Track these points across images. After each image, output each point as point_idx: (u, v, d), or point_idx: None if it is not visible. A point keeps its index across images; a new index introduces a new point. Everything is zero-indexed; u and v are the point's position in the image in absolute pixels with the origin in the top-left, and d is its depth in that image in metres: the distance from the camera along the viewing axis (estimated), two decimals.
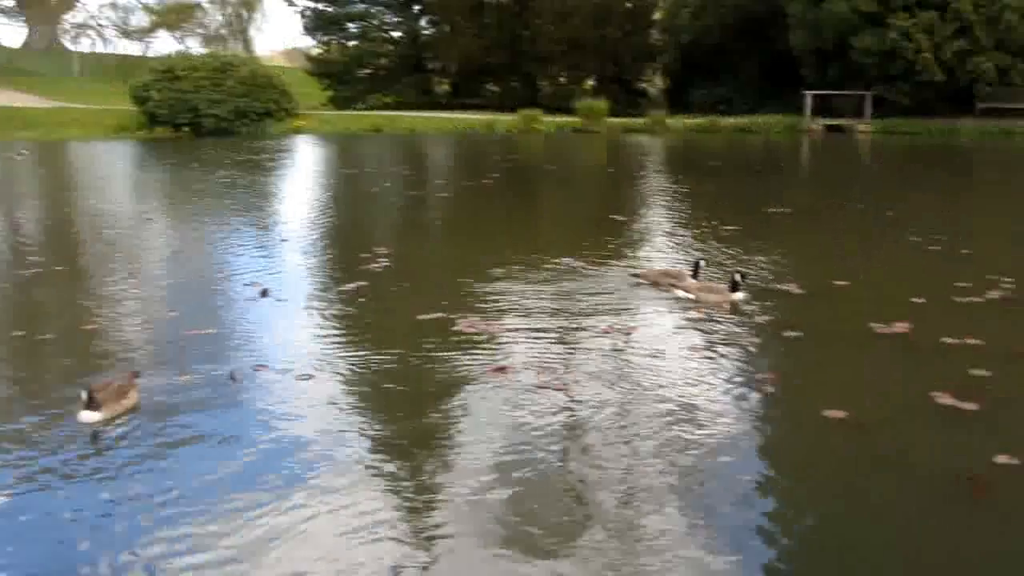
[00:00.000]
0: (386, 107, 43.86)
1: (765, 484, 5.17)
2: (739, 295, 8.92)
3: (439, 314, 8.30)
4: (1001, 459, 5.25)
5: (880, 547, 4.49)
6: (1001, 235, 13.42)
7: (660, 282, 9.40)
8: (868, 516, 4.81)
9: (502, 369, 6.78)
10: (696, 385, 6.55)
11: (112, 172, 24.60)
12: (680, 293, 9.05)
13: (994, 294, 9.07)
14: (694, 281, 9.27)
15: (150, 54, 61.75)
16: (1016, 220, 15.29)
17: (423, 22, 47.67)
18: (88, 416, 5.75)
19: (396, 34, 48.32)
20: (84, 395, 5.75)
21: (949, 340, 7.49)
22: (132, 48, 71.64)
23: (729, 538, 4.52)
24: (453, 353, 7.25)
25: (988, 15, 31.68)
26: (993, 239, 12.94)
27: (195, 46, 63.66)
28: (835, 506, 4.95)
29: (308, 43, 54.20)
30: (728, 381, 6.67)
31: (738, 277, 9.01)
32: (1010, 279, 9.55)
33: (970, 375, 6.64)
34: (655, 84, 47.92)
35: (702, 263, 9.58)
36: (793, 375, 6.81)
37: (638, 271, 9.89)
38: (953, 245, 11.55)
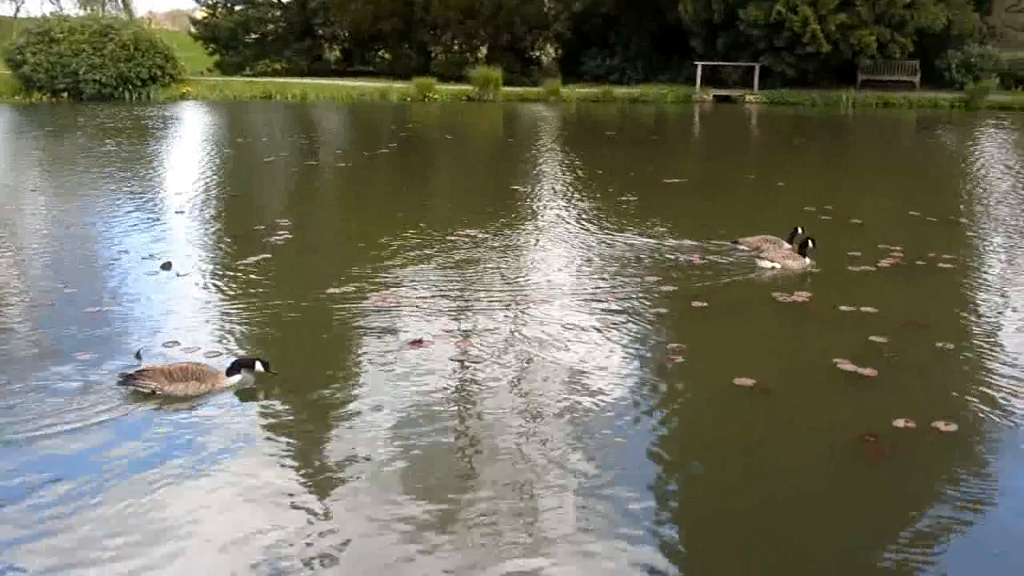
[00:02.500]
0: (275, 73, 42.76)
1: (673, 449, 5.33)
2: (808, 260, 9.25)
3: (350, 287, 8.23)
4: (899, 423, 5.51)
5: (781, 507, 4.68)
6: (886, 204, 13.94)
7: (761, 247, 9.61)
8: (771, 478, 5.01)
9: (418, 342, 6.77)
10: (606, 356, 6.67)
11: None
12: (765, 263, 9.25)
13: (885, 263, 9.44)
14: (777, 249, 9.50)
15: (21, 15, 58.82)
16: (899, 189, 15.88)
17: None
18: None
19: None
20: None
21: (847, 308, 7.78)
22: (1, 8, 68.24)
23: (634, 501, 4.66)
24: (366, 327, 7.21)
25: None
26: (879, 208, 13.43)
27: (71, 7, 60.92)
28: (740, 469, 5.14)
29: (192, 6, 52.67)
30: (638, 352, 6.81)
31: (810, 244, 9.32)
32: (899, 247, 9.95)
33: (868, 342, 6.92)
34: (548, 53, 47.91)
35: (800, 230, 9.77)
36: (702, 345, 6.99)
37: (739, 239, 9.95)
38: (843, 214, 11.94)
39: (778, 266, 9.18)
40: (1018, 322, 7.61)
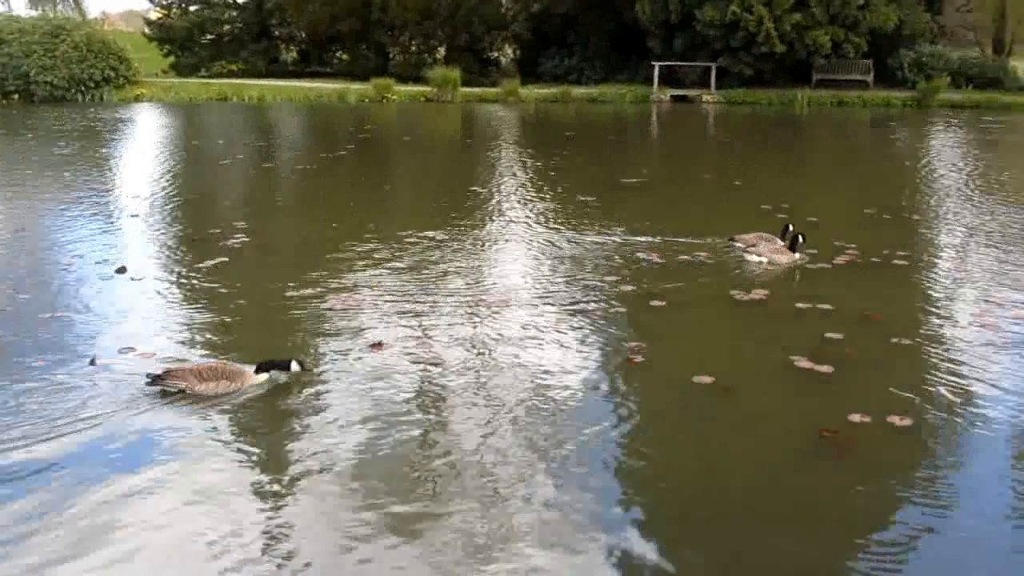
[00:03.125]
0: (232, 75, 42.43)
1: (633, 447, 5.36)
2: (798, 256, 9.45)
3: (309, 290, 8.18)
4: (855, 417, 5.58)
5: (741, 503, 4.72)
6: (842, 202, 14.12)
7: (756, 244, 9.73)
8: (731, 475, 5.07)
9: (378, 344, 6.75)
10: (565, 356, 6.69)
11: None
12: (753, 258, 9.46)
13: (841, 260, 9.55)
14: (768, 244, 9.66)
15: None
16: (854, 187, 16.08)
17: None
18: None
19: None
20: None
21: (803, 305, 7.86)
22: None
23: (595, 501, 4.68)
24: (326, 330, 7.18)
25: None
26: (835, 206, 13.60)
27: (21, 8, 60.00)
28: (700, 466, 5.20)
29: (146, 7, 52.02)
30: (597, 351, 6.83)
31: (800, 239, 9.51)
32: (854, 245, 10.07)
33: (825, 338, 7.00)
34: (506, 54, 47.92)
35: (790, 227, 9.91)
36: (661, 343, 7.03)
37: (735, 236, 10.03)
38: (800, 213, 12.05)
39: (765, 260, 9.37)
40: (970, 317, 7.73)
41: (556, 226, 11.32)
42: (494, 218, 12.11)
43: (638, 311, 7.80)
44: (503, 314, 7.65)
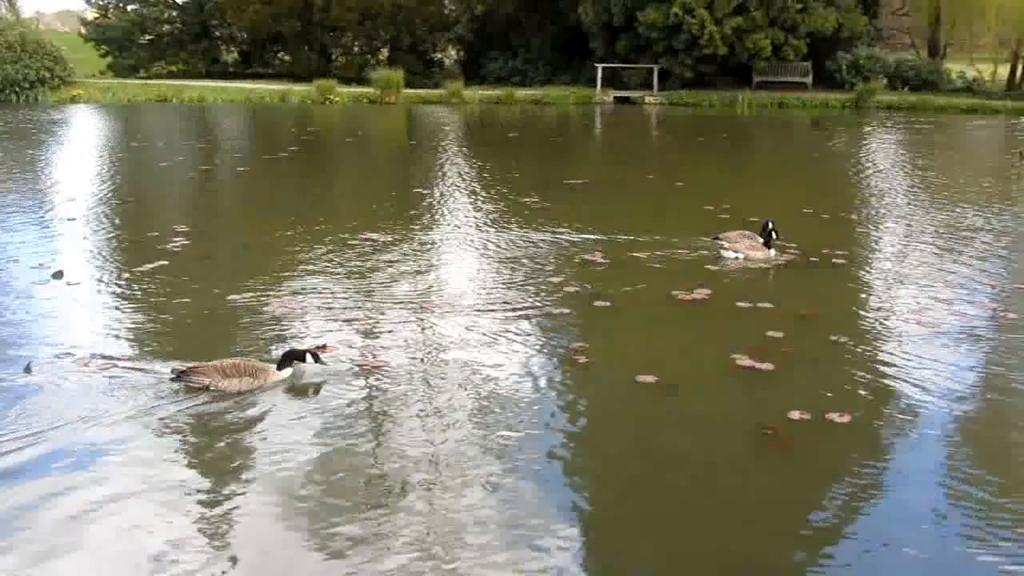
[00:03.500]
0: (171, 76, 41.76)
1: (578, 448, 5.39)
2: (773, 252, 9.68)
3: (250, 294, 8.08)
4: (795, 415, 5.67)
5: (685, 502, 4.76)
6: (782, 202, 14.28)
7: (740, 242, 9.86)
8: (675, 473, 5.11)
9: (323, 347, 6.69)
10: (510, 357, 6.69)
11: None
12: (729, 254, 9.65)
13: (781, 259, 9.68)
14: (747, 242, 9.82)
15: None
16: (793, 188, 16.33)
17: None
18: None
19: None
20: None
21: (744, 304, 7.95)
22: None
23: (541, 502, 4.69)
24: (269, 334, 7.10)
25: None
26: (775, 206, 13.72)
27: None
28: (644, 464, 5.24)
29: (82, 6, 50.99)
30: (542, 352, 6.84)
31: (773, 231, 9.76)
32: (794, 245, 10.21)
33: (766, 337, 7.09)
34: (450, 55, 47.86)
35: (771, 223, 10.02)
36: (605, 343, 7.07)
37: (720, 234, 10.12)
38: (741, 213, 12.20)
39: (742, 256, 9.59)
40: (907, 315, 7.87)
41: (500, 227, 11.33)
42: (438, 220, 12.08)
43: (582, 311, 7.84)
44: (447, 316, 7.64)
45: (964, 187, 15.63)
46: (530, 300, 8.12)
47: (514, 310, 7.80)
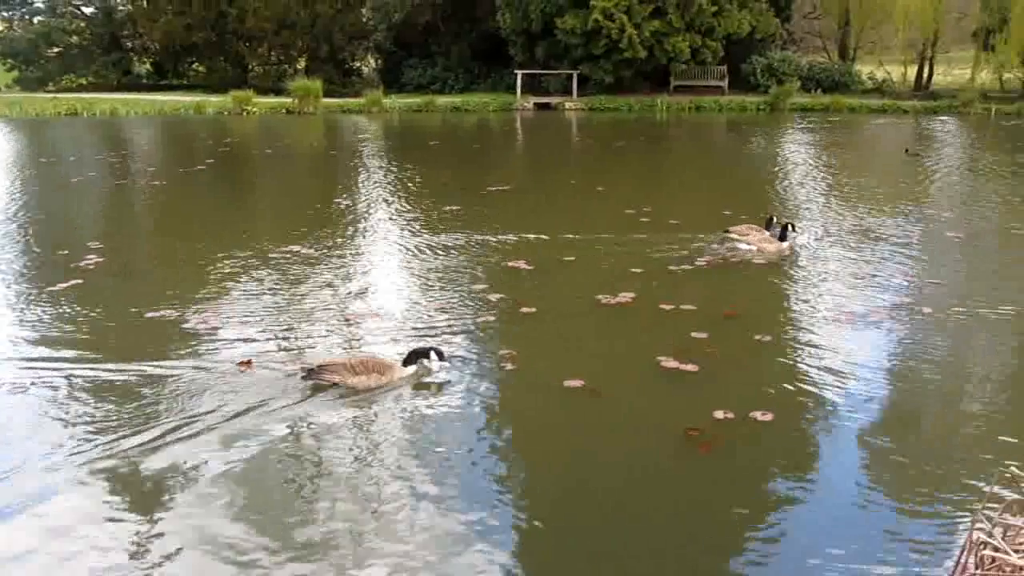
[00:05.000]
0: (82, 89, 40.79)
1: (507, 455, 5.37)
2: (786, 244, 10.15)
3: (169, 310, 7.89)
4: (719, 414, 5.72)
5: (614, 505, 4.78)
6: (701, 204, 14.48)
7: (749, 234, 10.30)
8: (603, 477, 5.12)
9: (247, 362, 6.57)
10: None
11: None
12: (743, 245, 10.09)
13: (701, 261, 9.80)
14: (757, 234, 10.32)
15: None
16: (712, 189, 16.56)
17: None
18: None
19: (88, 10, 44.98)
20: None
21: (668, 307, 8.01)
22: None
23: (470, 509, 4.67)
24: (189, 350, 6.94)
25: None
26: (695, 208, 13.94)
27: None
28: (573, 468, 5.24)
29: None
30: (469, 360, 6.80)
31: (791, 228, 10.33)
32: (716, 245, 10.33)
33: (690, 338, 7.15)
34: (369, 64, 47.59)
35: (775, 218, 10.84)
36: (532, 349, 7.05)
37: (729, 228, 10.61)
38: (661, 216, 12.33)
39: (755, 248, 10.03)
40: (826, 312, 8.02)
41: (423, 236, 11.26)
42: (360, 230, 11.97)
43: (508, 318, 7.81)
44: (371, 326, 7.56)
45: (876, 186, 16.04)
46: (455, 308, 8.07)
47: (439, 318, 7.75)
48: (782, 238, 10.24)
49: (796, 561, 4.28)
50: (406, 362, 6.33)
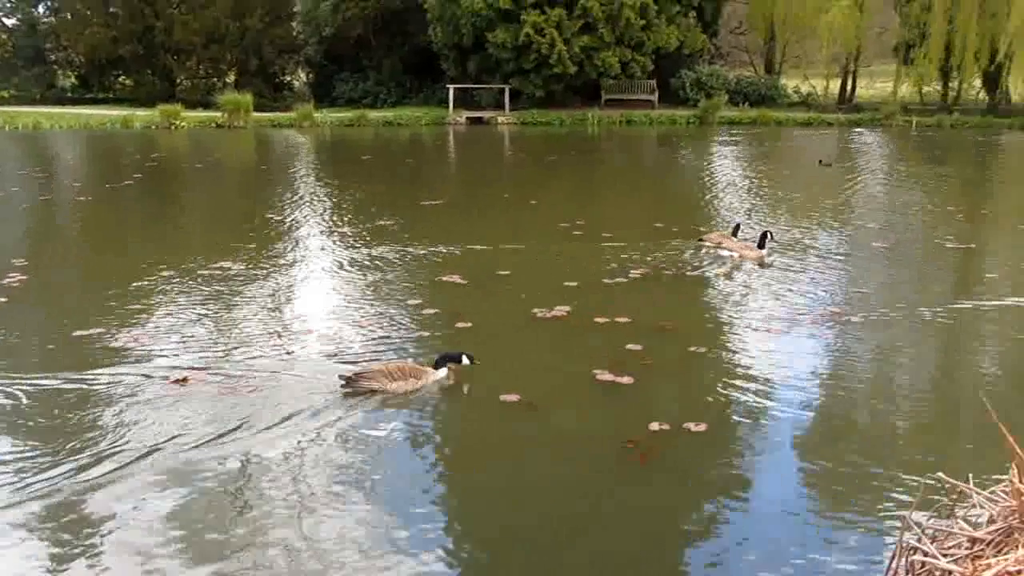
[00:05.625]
0: (3, 102, 39.86)
1: (444, 470, 5.36)
2: (765, 251, 10.57)
3: (98, 329, 7.73)
4: (655, 426, 5.78)
5: (551, 518, 4.79)
6: (634, 217, 14.61)
7: (721, 243, 10.91)
8: (540, 491, 5.14)
9: (183, 380, 6.47)
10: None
11: None
12: (724, 252, 10.51)
13: (636, 274, 9.90)
14: (735, 241, 10.84)
15: None
16: (644, 203, 16.75)
17: (41, 9, 43.80)
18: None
19: (10, 21, 43.97)
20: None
21: (603, 319, 8.07)
22: None
23: (405, 525, 4.65)
24: (121, 368, 6.80)
25: (609, 13, 34.30)
26: (627, 222, 14.06)
27: None
28: (511, 482, 5.25)
29: None
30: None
31: (769, 236, 10.76)
32: (648, 258, 10.45)
33: (625, 351, 7.22)
34: (299, 78, 47.23)
35: (741, 225, 11.50)
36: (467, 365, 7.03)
37: (703, 236, 11.31)
38: (594, 229, 12.43)
39: (736, 255, 10.44)
40: (758, 323, 8.15)
41: (356, 251, 11.20)
42: (292, 245, 11.86)
43: (444, 333, 7.80)
44: (306, 342, 7.50)
45: (803, 198, 16.39)
46: (390, 323, 8.05)
47: (374, 334, 7.71)
48: (760, 245, 10.68)
49: (730, 570, 4.34)
50: (436, 365, 6.61)
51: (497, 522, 4.80)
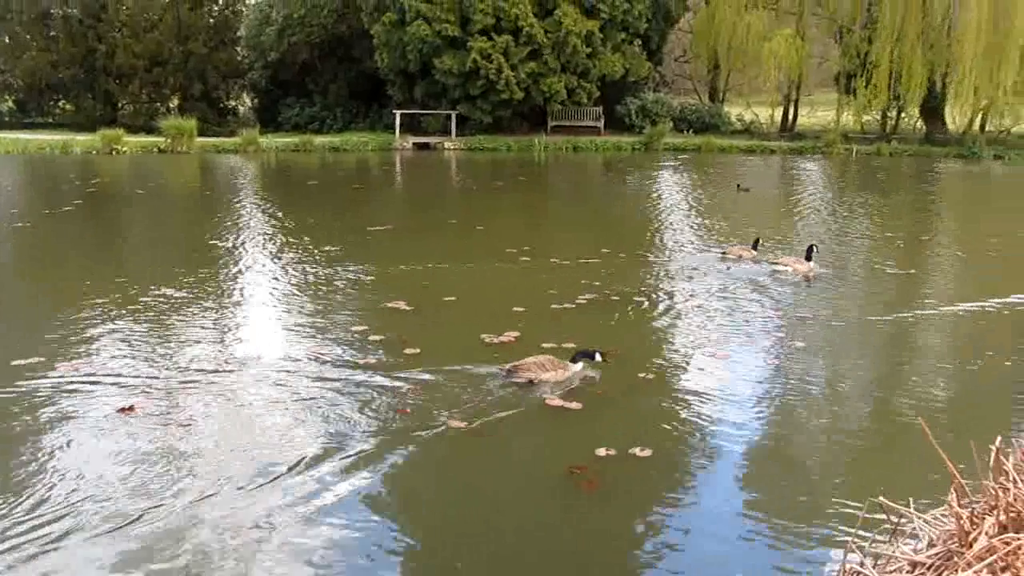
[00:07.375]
0: None
1: (391, 498, 5.31)
2: (813, 264, 11.29)
3: (37, 359, 7.54)
4: (601, 451, 5.80)
5: (498, 546, 4.77)
6: (581, 243, 14.68)
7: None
8: (487, 517, 5.14)
9: (129, 408, 6.33)
10: (323, 410, 6.54)
11: None
12: (780, 267, 11.48)
13: (583, 299, 9.93)
14: (788, 257, 11.69)
15: None
16: (591, 228, 16.84)
17: None
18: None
19: None
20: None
21: (551, 345, 8.07)
22: None
23: (350, 553, 4.61)
24: (63, 398, 6.65)
25: (555, 40, 34.58)
26: (574, 247, 14.10)
27: None
28: (458, 510, 5.23)
29: None
30: (355, 403, 6.71)
31: (815, 249, 11.52)
32: (595, 284, 10.50)
33: None
34: (244, 102, 46.87)
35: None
36: (416, 391, 6.99)
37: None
38: (542, 254, 12.46)
39: (790, 269, 11.19)
40: (705, 348, 8.22)
41: (302, 278, 11.09)
42: (236, 272, 11.71)
43: (392, 360, 7.73)
44: (251, 371, 7.39)
45: (747, 224, 16.57)
46: (337, 351, 7.96)
47: (320, 363, 7.63)
48: (808, 258, 11.38)
49: None
50: (573, 361, 7.31)
51: (441, 548, 4.77)
